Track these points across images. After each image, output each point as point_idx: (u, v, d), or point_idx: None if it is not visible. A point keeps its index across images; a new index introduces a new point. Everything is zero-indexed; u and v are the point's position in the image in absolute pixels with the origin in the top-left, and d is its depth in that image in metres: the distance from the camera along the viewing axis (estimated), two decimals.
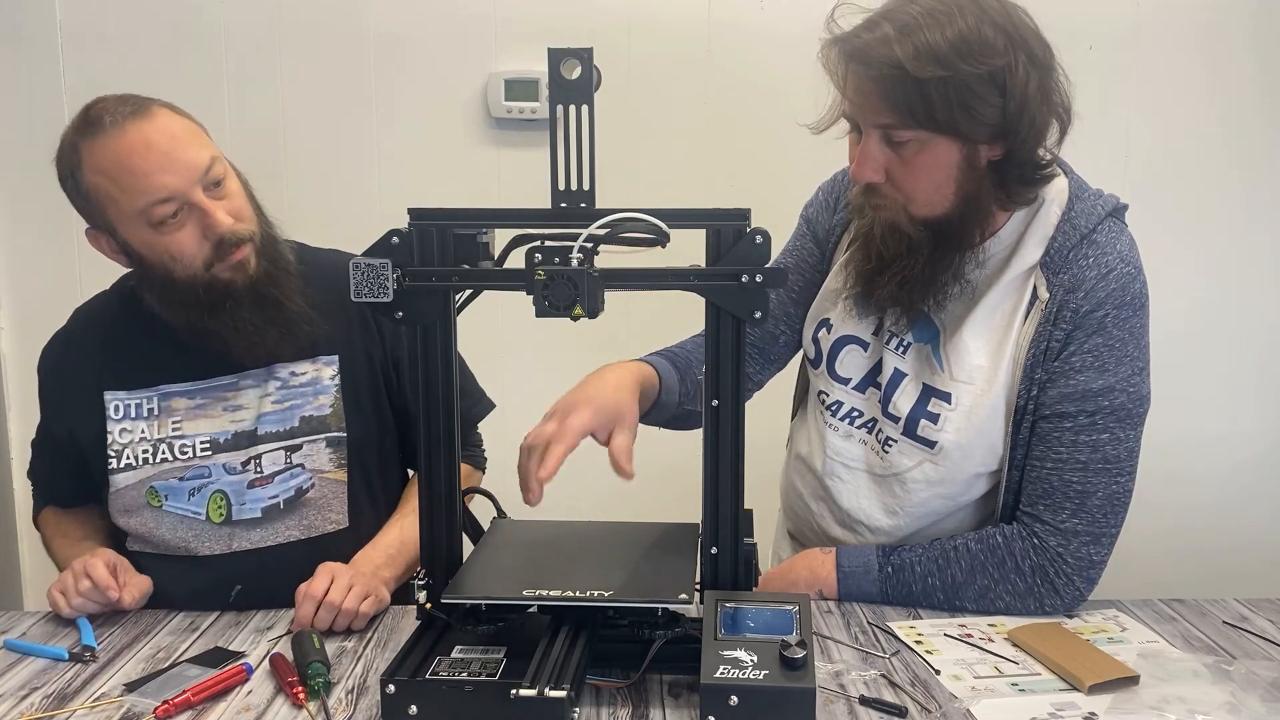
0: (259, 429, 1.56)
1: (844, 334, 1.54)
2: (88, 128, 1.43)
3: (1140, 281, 1.41)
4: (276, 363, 1.56)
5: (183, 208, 1.42)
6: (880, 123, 1.33)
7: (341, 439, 1.58)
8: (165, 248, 1.44)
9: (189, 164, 1.41)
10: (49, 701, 1.21)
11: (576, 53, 1.15)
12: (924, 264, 1.41)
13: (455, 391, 1.26)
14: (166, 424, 1.55)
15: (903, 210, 1.39)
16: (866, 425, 1.53)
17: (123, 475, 1.55)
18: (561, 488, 2.43)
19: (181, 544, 1.55)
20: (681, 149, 2.36)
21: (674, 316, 1.60)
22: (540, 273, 1.12)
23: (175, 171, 1.40)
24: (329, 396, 1.58)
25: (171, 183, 1.40)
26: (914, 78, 1.27)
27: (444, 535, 1.27)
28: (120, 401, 1.56)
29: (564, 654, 1.15)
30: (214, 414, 1.56)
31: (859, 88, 1.33)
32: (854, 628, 1.38)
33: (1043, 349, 1.40)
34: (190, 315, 1.49)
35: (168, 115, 1.45)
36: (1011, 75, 1.29)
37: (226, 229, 1.44)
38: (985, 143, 1.34)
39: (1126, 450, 1.40)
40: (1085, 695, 1.19)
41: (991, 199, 1.39)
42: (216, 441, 1.56)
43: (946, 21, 1.28)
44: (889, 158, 1.36)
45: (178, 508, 1.55)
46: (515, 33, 2.32)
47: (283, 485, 1.56)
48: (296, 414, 1.57)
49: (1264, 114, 2.37)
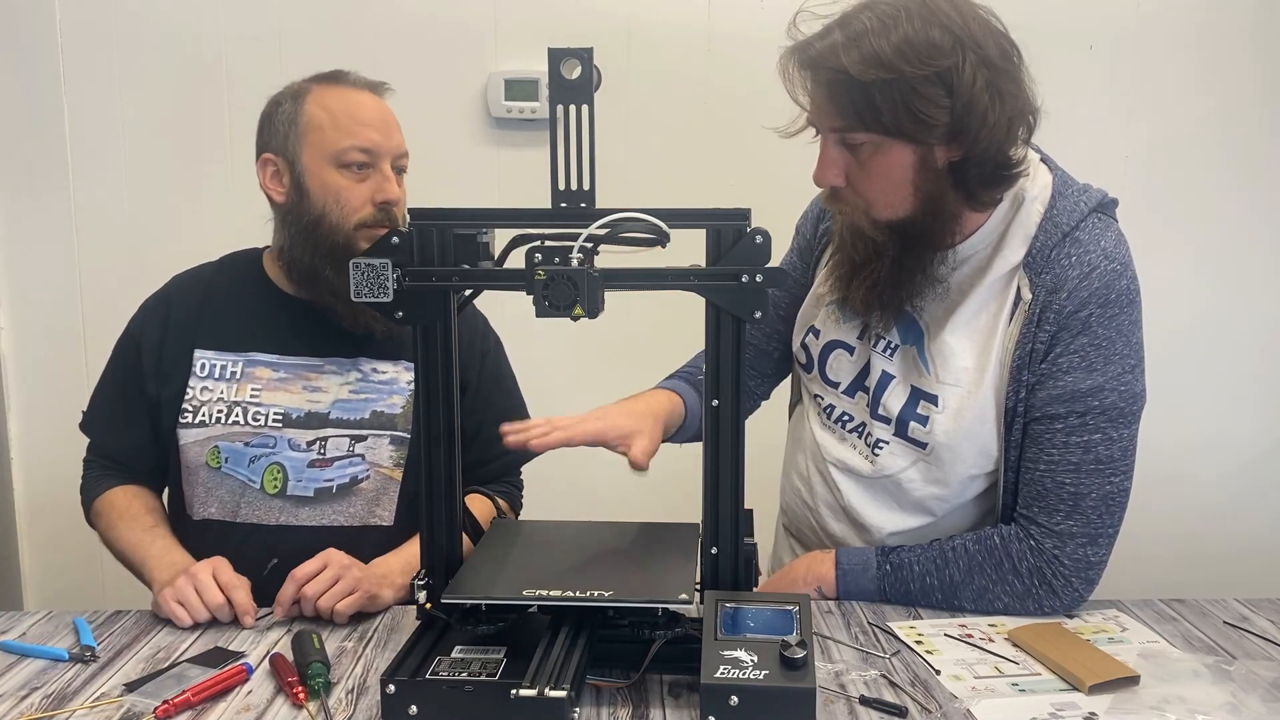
0: (331, 413, 1.61)
1: (831, 339, 1.55)
2: (331, 78, 1.60)
3: (1127, 277, 1.40)
4: (363, 357, 1.64)
5: (371, 166, 1.56)
6: (833, 126, 1.37)
7: (405, 439, 1.63)
8: (337, 190, 1.56)
9: (395, 140, 1.59)
10: (49, 701, 1.21)
11: (576, 53, 1.15)
12: (890, 265, 1.42)
13: (456, 391, 1.26)
14: (246, 389, 1.62)
15: (864, 213, 1.41)
16: (856, 430, 1.53)
17: (192, 430, 1.61)
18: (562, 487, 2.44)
19: (231, 508, 1.60)
20: (681, 149, 2.35)
21: (674, 316, 1.60)
22: (540, 273, 1.12)
23: (385, 136, 1.57)
24: (402, 398, 1.64)
25: (378, 141, 1.56)
26: (859, 82, 1.30)
27: (444, 535, 1.27)
28: (208, 360, 1.63)
29: (564, 654, 1.14)
30: (293, 390, 1.62)
31: (813, 93, 1.37)
32: (854, 628, 1.38)
33: (1028, 351, 1.40)
34: (316, 261, 1.57)
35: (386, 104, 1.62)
36: (959, 75, 1.30)
37: (395, 198, 1.57)
38: (940, 144, 1.35)
39: (1120, 450, 1.40)
40: (1085, 695, 1.19)
41: (954, 200, 1.40)
42: (289, 416, 1.61)
43: (893, 26, 1.30)
44: (847, 161, 1.38)
45: (235, 471, 1.60)
46: (515, 33, 2.32)
47: (340, 471, 1.60)
48: (369, 407, 1.62)
49: (1264, 114, 2.37)
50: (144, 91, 2.33)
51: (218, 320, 1.64)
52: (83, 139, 2.35)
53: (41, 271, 2.40)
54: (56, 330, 2.38)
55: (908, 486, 1.47)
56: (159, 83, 2.33)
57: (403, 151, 1.59)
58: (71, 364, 2.33)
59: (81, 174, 2.35)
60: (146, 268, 1.84)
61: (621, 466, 1.35)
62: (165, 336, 1.65)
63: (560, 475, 2.45)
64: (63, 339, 2.38)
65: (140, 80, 2.33)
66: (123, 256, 2.36)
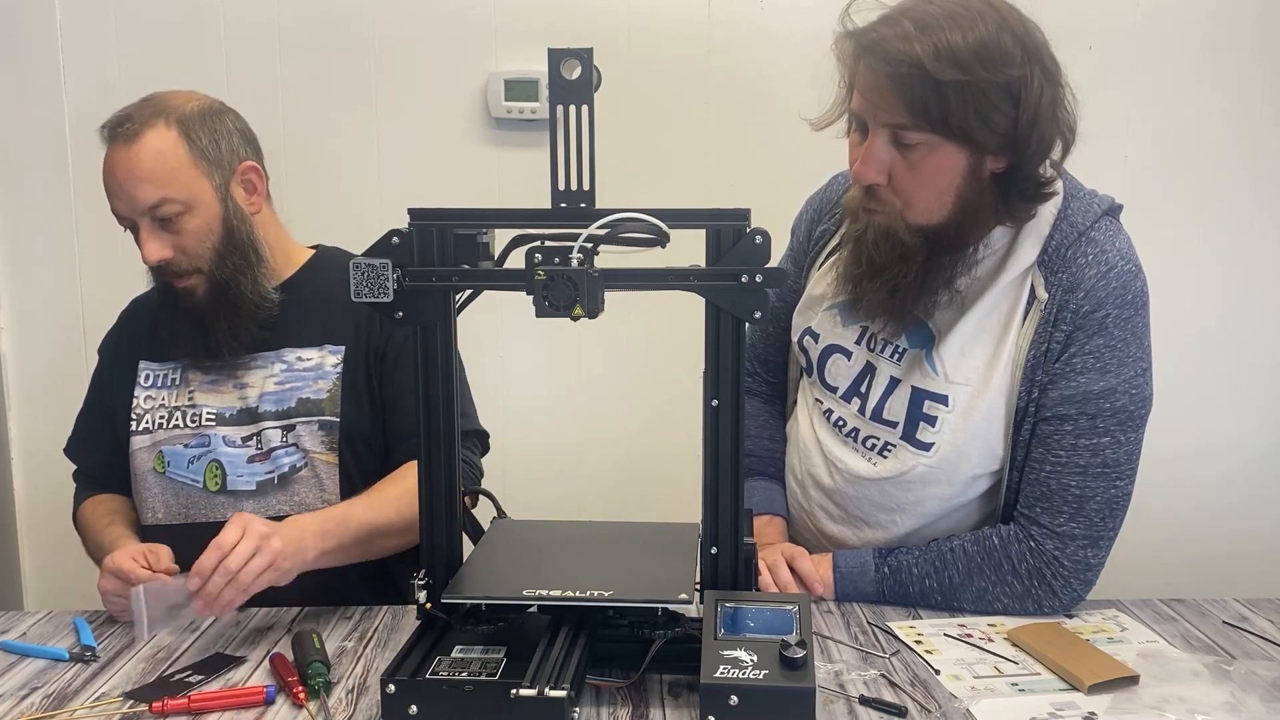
0: (260, 406, 1.64)
1: (830, 343, 1.54)
2: (106, 132, 1.59)
3: (1141, 279, 1.40)
4: (286, 346, 1.66)
5: (133, 227, 1.58)
6: (892, 122, 1.32)
7: (333, 423, 1.63)
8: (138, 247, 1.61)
9: (133, 197, 1.55)
10: (49, 702, 1.21)
11: (576, 53, 1.15)
12: (917, 272, 1.40)
13: (456, 392, 1.26)
14: (184, 393, 1.67)
15: (900, 216, 1.37)
16: (852, 434, 1.52)
17: (140, 438, 1.66)
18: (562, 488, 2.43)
19: (179, 510, 1.63)
20: (681, 149, 2.35)
21: (674, 316, 1.60)
22: (540, 273, 1.12)
23: (123, 199, 1.56)
24: (328, 382, 1.65)
25: (119, 207, 1.57)
26: (933, 78, 1.26)
27: (444, 535, 1.27)
28: (151, 370, 1.69)
29: (564, 654, 1.14)
30: (224, 389, 1.66)
31: (873, 84, 1.31)
32: (854, 628, 1.38)
33: (1043, 350, 1.39)
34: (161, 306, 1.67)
35: (151, 140, 1.55)
36: (1026, 87, 1.29)
37: (150, 261, 1.58)
38: (992, 153, 1.33)
39: (1126, 453, 1.39)
40: (1085, 695, 1.19)
41: (990, 211, 1.38)
42: (222, 415, 1.64)
43: (968, 25, 1.27)
44: (894, 159, 1.34)
45: (178, 474, 1.64)
46: (515, 33, 2.32)
47: (277, 462, 1.62)
48: (295, 395, 1.64)
49: (1265, 114, 2.36)
50: (144, 91, 2.31)
51: (159, 335, 1.69)
52: (83, 139, 2.35)
53: (41, 272, 2.39)
54: (56, 330, 2.38)
55: (908, 487, 1.47)
56: (159, 83, 2.31)
57: (152, 204, 1.54)
58: (71, 364, 2.32)
59: (81, 174, 2.35)
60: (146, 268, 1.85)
61: (621, 467, 1.35)
62: (121, 355, 1.72)
63: (560, 475, 2.46)
64: (63, 339, 2.38)
65: (141, 80, 2.32)
66: (123, 256, 2.36)
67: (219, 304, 1.61)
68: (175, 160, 1.55)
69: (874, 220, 1.40)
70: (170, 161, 1.55)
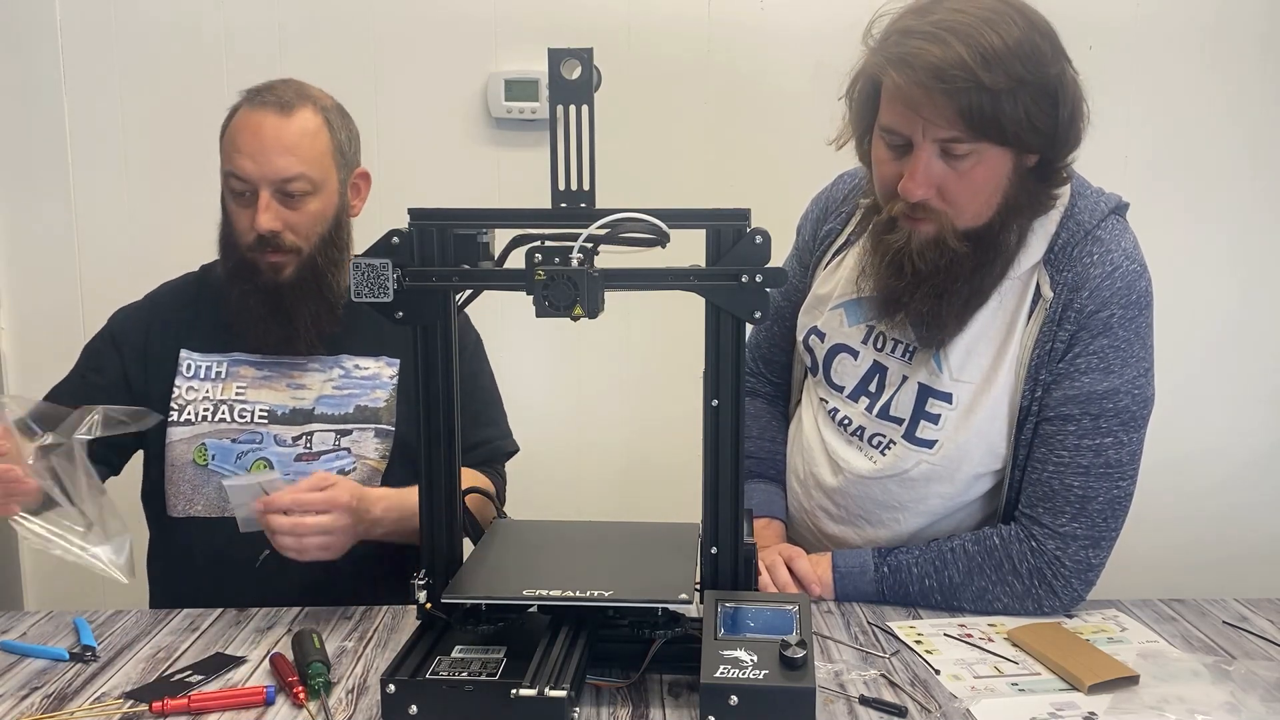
0: (316, 409, 1.65)
1: (836, 343, 1.54)
2: (249, 95, 1.62)
3: (1145, 279, 1.40)
4: (344, 354, 1.68)
5: (251, 193, 1.58)
6: (943, 136, 1.30)
7: (389, 432, 1.66)
8: (231, 212, 1.62)
9: (276, 165, 1.56)
10: (49, 702, 1.21)
11: (576, 53, 1.15)
12: (968, 276, 1.37)
13: (456, 392, 1.26)
14: (231, 388, 1.66)
15: (950, 224, 1.35)
16: (857, 433, 1.52)
17: (180, 429, 1.64)
18: (562, 488, 2.43)
19: (219, 504, 1.61)
20: (681, 149, 2.35)
21: (674, 316, 1.60)
22: (540, 273, 1.12)
23: (260, 163, 1.56)
24: (385, 392, 1.67)
25: (249, 170, 1.56)
26: (987, 88, 1.25)
27: (444, 535, 1.27)
28: (193, 361, 1.67)
29: (564, 654, 1.15)
30: (278, 387, 1.66)
31: (921, 98, 1.28)
32: (854, 628, 1.38)
33: (1047, 349, 1.39)
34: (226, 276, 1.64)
35: (305, 118, 1.59)
36: (1062, 84, 1.29)
37: (262, 228, 1.57)
38: (1035, 151, 1.34)
39: (1129, 454, 1.40)
40: (1085, 695, 1.19)
41: (1026, 204, 1.37)
42: (274, 413, 1.65)
43: (1003, 29, 1.26)
44: (944, 172, 1.32)
45: (223, 467, 1.63)
46: (515, 33, 2.32)
47: (326, 464, 1.63)
48: (353, 402, 1.66)
49: (1265, 113, 2.36)
50: (144, 91, 2.33)
51: (199, 325, 1.68)
52: (83, 139, 2.35)
53: (41, 271, 2.39)
54: (56, 330, 2.38)
55: (910, 486, 1.47)
56: (159, 82, 2.33)
57: (289, 176, 1.56)
58: (71, 364, 2.33)
59: (81, 174, 2.35)
60: (146, 268, 1.85)
61: (621, 467, 1.35)
62: (151, 336, 1.69)
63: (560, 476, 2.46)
64: (63, 339, 2.38)
65: (141, 80, 2.33)
66: (123, 256, 2.36)
67: (305, 290, 1.61)
68: (321, 144, 1.60)
69: (919, 229, 1.36)
70: (317, 144, 1.60)
